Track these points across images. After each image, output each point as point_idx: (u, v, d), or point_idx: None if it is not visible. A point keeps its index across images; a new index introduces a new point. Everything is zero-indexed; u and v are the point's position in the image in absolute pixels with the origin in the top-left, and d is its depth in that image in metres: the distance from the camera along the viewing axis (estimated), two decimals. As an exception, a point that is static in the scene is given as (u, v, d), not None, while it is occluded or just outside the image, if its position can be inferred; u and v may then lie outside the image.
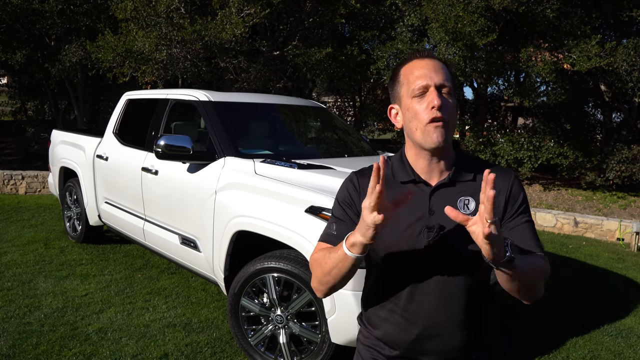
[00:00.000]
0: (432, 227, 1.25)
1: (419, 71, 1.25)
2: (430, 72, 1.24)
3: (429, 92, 1.24)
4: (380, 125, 15.19)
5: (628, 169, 8.72)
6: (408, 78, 1.27)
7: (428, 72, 1.25)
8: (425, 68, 1.25)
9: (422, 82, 1.24)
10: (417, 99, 1.25)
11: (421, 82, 1.24)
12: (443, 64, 1.28)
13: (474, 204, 1.27)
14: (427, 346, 1.31)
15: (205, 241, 3.37)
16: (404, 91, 1.29)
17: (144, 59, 8.07)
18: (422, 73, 1.25)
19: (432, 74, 1.24)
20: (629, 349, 3.53)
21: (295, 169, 3.07)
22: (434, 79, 1.24)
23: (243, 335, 3.02)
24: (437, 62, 1.27)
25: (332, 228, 1.37)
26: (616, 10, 9.13)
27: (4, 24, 9.63)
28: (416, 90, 1.25)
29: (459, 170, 1.31)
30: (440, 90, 1.24)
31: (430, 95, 1.23)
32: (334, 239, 1.33)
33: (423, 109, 1.24)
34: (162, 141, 3.41)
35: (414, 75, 1.26)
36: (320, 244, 1.38)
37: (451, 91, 1.26)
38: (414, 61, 1.28)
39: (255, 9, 7.56)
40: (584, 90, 10.41)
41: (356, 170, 1.42)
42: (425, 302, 1.29)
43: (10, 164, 9.99)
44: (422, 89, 1.24)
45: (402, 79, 1.29)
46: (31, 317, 3.52)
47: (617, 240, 7.00)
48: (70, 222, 5.50)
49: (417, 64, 1.27)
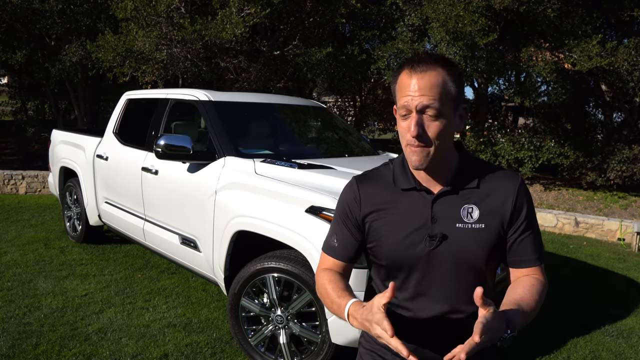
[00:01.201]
0: (435, 236, 1.24)
1: (405, 90, 1.19)
2: (414, 92, 1.17)
3: (410, 115, 1.19)
4: (380, 125, 15.17)
5: (629, 169, 8.71)
6: (398, 92, 1.23)
7: (412, 92, 1.17)
8: (411, 87, 1.18)
9: (405, 104, 1.19)
10: (402, 118, 1.22)
11: (404, 104, 1.19)
12: (441, 71, 1.19)
13: (477, 212, 1.25)
14: (430, 353, 1.30)
15: (205, 241, 3.36)
16: (397, 102, 1.25)
17: (144, 58, 8.06)
18: (407, 93, 1.18)
19: (416, 94, 1.17)
20: (630, 349, 3.52)
21: (295, 168, 3.06)
22: (416, 100, 1.16)
23: (243, 335, 3.01)
24: (427, 77, 1.17)
25: (333, 239, 1.38)
26: (617, 9, 9.12)
27: (4, 23, 9.63)
28: (400, 110, 1.21)
29: (462, 177, 1.28)
30: (424, 112, 1.18)
31: (411, 119, 1.18)
32: (335, 252, 1.36)
33: (405, 129, 1.21)
34: (162, 141, 3.40)
35: (402, 92, 1.20)
36: (324, 256, 1.39)
37: (440, 111, 1.18)
38: (404, 73, 1.21)
39: (256, 9, 7.55)
40: (585, 90, 10.40)
41: (357, 175, 1.40)
42: (428, 309, 1.28)
43: (10, 164, 9.99)
44: (405, 111, 1.20)
45: (397, 89, 1.24)
46: (31, 317, 3.52)
47: (618, 240, 6.98)
48: (71, 222, 5.49)
49: (405, 80, 1.20)
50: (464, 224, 1.24)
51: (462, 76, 1.25)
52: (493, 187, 1.27)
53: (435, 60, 1.20)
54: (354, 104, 15.12)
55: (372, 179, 1.36)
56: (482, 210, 1.25)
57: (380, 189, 1.32)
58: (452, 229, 1.24)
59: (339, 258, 1.36)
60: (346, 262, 1.36)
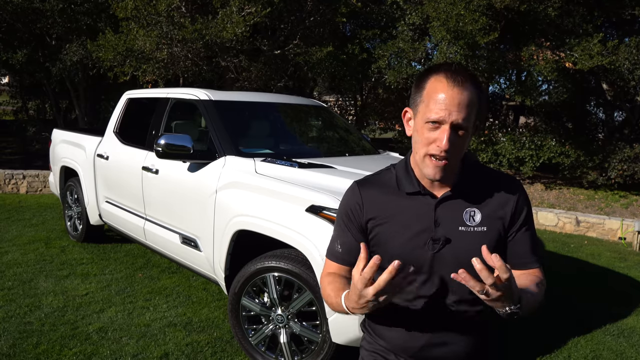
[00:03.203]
0: (438, 239, 1.25)
1: (441, 101, 1.16)
2: (452, 107, 1.15)
3: (442, 128, 1.17)
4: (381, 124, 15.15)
5: (630, 168, 8.69)
6: (429, 99, 1.19)
7: (451, 105, 1.15)
8: (450, 99, 1.16)
9: (439, 116, 1.16)
10: (429, 125, 1.19)
11: (438, 115, 1.16)
12: (474, 91, 1.18)
13: (479, 215, 1.27)
14: (433, 353, 1.31)
15: (205, 240, 3.36)
16: (421, 108, 1.21)
17: (145, 58, 8.06)
18: (444, 105, 1.16)
19: (454, 108, 1.15)
20: (631, 348, 3.51)
21: (296, 168, 3.06)
22: (453, 116, 1.15)
23: (244, 334, 3.01)
24: (465, 95, 1.16)
25: (337, 244, 1.38)
26: (618, 8, 9.09)
27: (5, 23, 9.64)
28: (431, 119, 1.18)
29: (464, 182, 1.29)
30: (455, 129, 1.17)
31: (443, 133, 1.17)
32: (339, 258, 1.36)
33: (431, 139, 1.19)
34: (162, 140, 3.40)
35: (435, 100, 1.17)
36: (328, 262, 1.39)
37: (468, 130, 1.19)
38: (443, 82, 1.17)
39: (256, 8, 7.54)
40: (586, 89, 10.39)
41: (358, 180, 1.40)
42: (431, 311, 1.29)
43: (11, 164, 9.99)
44: (437, 121, 1.17)
45: (425, 95, 1.20)
46: (32, 317, 3.52)
47: (619, 239, 6.98)
48: (71, 221, 5.50)
49: (444, 89, 1.17)
50: (466, 227, 1.25)
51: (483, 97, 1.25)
52: (494, 191, 1.29)
53: (471, 75, 1.20)
54: (354, 103, 15.12)
55: (374, 183, 1.36)
56: (484, 214, 1.27)
57: (383, 193, 1.32)
58: (455, 232, 1.25)
59: (343, 263, 1.36)
60: (350, 267, 1.35)
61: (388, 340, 1.35)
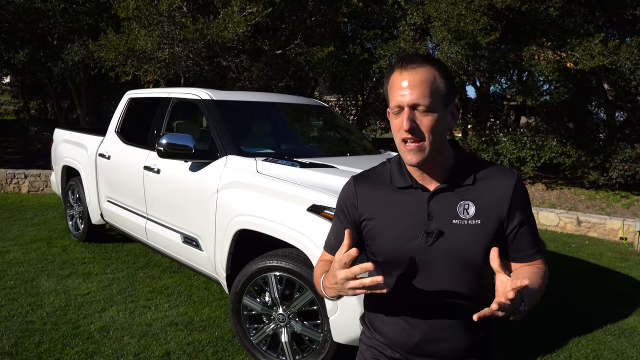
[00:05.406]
0: (431, 232, 1.25)
1: (397, 87, 1.22)
2: (405, 90, 1.20)
3: (402, 112, 1.21)
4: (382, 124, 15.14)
5: (631, 168, 8.68)
6: (390, 92, 1.25)
7: (404, 90, 1.20)
8: (402, 85, 1.21)
9: (396, 102, 1.22)
10: (394, 116, 1.24)
11: (395, 102, 1.22)
12: (430, 69, 1.22)
13: (473, 208, 1.26)
14: (429, 349, 1.31)
15: (207, 240, 3.37)
16: (389, 103, 1.27)
17: (146, 57, 8.07)
18: (398, 91, 1.21)
19: (407, 91, 1.20)
20: (632, 348, 3.52)
21: (297, 167, 3.07)
22: (407, 97, 1.19)
23: (245, 334, 3.02)
24: (417, 74, 1.20)
25: (332, 237, 1.43)
26: (619, 8, 9.09)
27: (7, 23, 9.66)
28: (393, 107, 1.23)
29: (458, 174, 1.29)
30: (416, 109, 1.20)
31: (402, 116, 1.21)
32: (333, 249, 1.40)
33: (398, 126, 1.23)
34: (164, 140, 3.40)
35: (393, 90, 1.23)
36: (324, 253, 1.45)
37: (431, 106, 1.20)
38: (395, 73, 1.24)
39: (258, 8, 7.55)
40: (587, 89, 10.38)
41: (355, 175, 1.42)
42: (427, 306, 1.29)
43: (13, 163, 10.01)
44: (397, 109, 1.22)
45: (388, 90, 1.27)
46: (34, 316, 3.53)
47: (620, 239, 6.97)
48: (73, 220, 5.51)
49: (396, 79, 1.23)
50: (460, 220, 1.25)
51: (451, 74, 1.27)
52: (489, 184, 1.28)
53: (424, 58, 1.23)
54: (355, 103, 15.12)
55: (369, 177, 1.39)
56: (478, 207, 1.26)
57: (377, 188, 1.34)
58: (449, 225, 1.25)
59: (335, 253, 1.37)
60: None
61: (384, 335, 1.36)
